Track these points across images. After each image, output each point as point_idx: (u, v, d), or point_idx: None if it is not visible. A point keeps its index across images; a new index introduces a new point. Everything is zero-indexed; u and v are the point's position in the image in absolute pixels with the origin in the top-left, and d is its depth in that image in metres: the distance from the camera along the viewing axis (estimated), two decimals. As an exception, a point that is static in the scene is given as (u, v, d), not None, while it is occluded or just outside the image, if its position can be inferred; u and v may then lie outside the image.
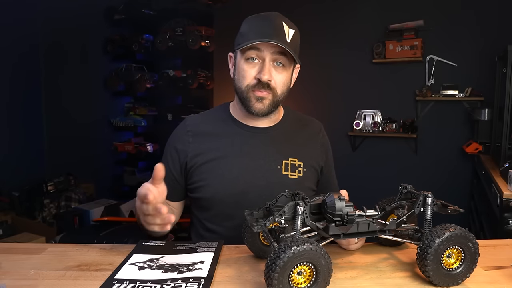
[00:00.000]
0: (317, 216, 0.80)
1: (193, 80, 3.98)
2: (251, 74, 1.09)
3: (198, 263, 0.85)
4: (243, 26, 1.11)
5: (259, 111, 1.12)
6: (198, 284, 0.76)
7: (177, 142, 1.20)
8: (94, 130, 4.15)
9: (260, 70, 1.07)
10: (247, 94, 1.11)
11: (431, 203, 0.80)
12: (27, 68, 3.72)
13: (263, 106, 1.11)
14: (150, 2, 4.13)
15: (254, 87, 1.09)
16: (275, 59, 1.08)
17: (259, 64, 1.08)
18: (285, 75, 1.12)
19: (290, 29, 1.08)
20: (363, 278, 0.80)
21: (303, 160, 1.19)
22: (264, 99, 1.10)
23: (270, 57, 1.07)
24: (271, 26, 1.06)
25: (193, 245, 0.96)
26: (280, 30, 1.06)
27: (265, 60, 1.07)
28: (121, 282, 0.76)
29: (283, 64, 1.09)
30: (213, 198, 1.14)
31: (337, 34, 3.80)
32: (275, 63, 1.09)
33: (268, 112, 1.13)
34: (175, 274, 0.80)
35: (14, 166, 3.49)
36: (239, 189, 1.12)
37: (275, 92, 1.10)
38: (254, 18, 1.11)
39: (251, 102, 1.11)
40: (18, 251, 0.95)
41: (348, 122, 3.80)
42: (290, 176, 1.15)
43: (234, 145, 1.16)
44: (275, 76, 1.09)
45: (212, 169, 1.14)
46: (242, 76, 1.11)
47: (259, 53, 1.07)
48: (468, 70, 3.42)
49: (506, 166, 2.27)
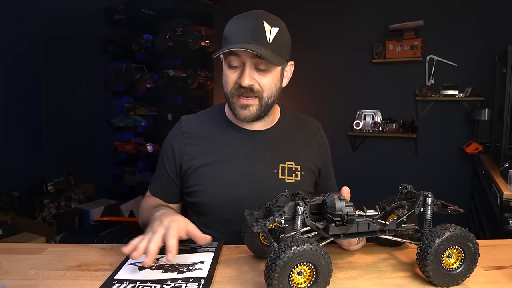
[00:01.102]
0: (317, 216, 0.80)
1: (193, 80, 3.98)
2: (233, 79, 1.06)
3: (198, 263, 0.85)
4: (226, 28, 1.07)
5: (245, 118, 1.09)
6: (198, 284, 0.76)
7: (173, 143, 1.18)
8: (94, 130, 4.15)
9: (240, 75, 1.04)
10: (232, 99, 1.08)
11: (431, 203, 0.80)
12: (26, 67, 3.72)
13: (249, 113, 1.08)
14: (150, 2, 4.14)
15: (237, 92, 1.06)
16: (255, 63, 1.03)
17: (240, 69, 1.05)
18: (271, 77, 1.07)
19: (273, 28, 1.02)
20: (363, 278, 0.80)
21: (300, 163, 1.16)
22: (250, 106, 1.07)
23: (251, 61, 1.03)
24: (249, 28, 1.01)
25: (193, 245, 0.96)
26: (260, 32, 1.01)
27: (245, 64, 1.03)
28: (121, 282, 0.76)
29: (265, 68, 1.04)
30: (209, 203, 1.12)
31: (337, 34, 3.80)
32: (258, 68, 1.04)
33: (257, 117, 1.10)
34: (175, 274, 0.80)
35: (14, 166, 3.49)
36: (235, 194, 1.10)
37: (260, 96, 1.07)
38: (236, 19, 1.06)
39: (236, 109, 1.09)
40: (18, 251, 0.95)
41: (348, 122, 3.80)
42: (287, 181, 1.13)
43: (229, 149, 1.14)
44: (259, 79, 1.05)
45: (207, 173, 1.12)
46: (226, 82, 1.08)
47: (239, 58, 1.03)
48: (468, 70, 3.42)
49: (506, 166, 2.27)
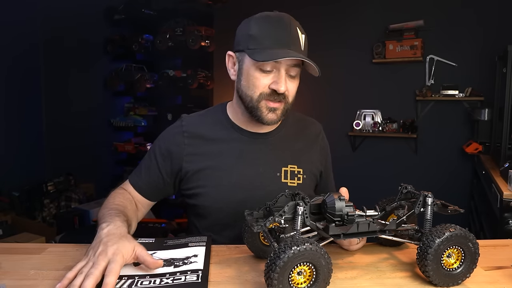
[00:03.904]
0: (317, 216, 0.80)
1: (193, 80, 3.98)
2: (265, 83, 1.03)
3: (192, 257, 0.87)
4: (254, 27, 1.02)
5: (271, 121, 1.07)
6: (197, 276, 0.77)
7: (171, 144, 1.14)
8: (94, 130, 4.15)
9: (276, 81, 1.02)
10: (258, 103, 1.05)
11: (431, 203, 0.80)
12: (26, 67, 3.71)
13: (275, 117, 1.06)
14: (150, 2, 4.14)
15: (267, 97, 1.04)
16: (288, 69, 1.03)
17: (273, 74, 1.02)
18: (296, 83, 1.08)
19: (302, 35, 1.03)
20: (363, 278, 0.80)
21: (302, 167, 1.16)
22: (277, 109, 1.06)
23: (286, 67, 1.02)
24: (288, 34, 0.99)
25: (183, 240, 0.97)
26: (296, 39, 1.00)
27: (281, 70, 1.02)
28: (119, 278, 0.77)
29: (295, 74, 1.05)
30: (211, 207, 1.11)
31: (337, 34, 3.80)
32: (289, 73, 1.04)
33: (279, 121, 1.10)
34: (171, 268, 0.81)
35: (14, 166, 3.49)
36: (238, 198, 1.08)
37: (287, 101, 1.07)
38: (266, 20, 1.02)
39: (262, 112, 1.05)
40: (18, 251, 0.95)
41: (348, 122, 3.80)
42: (289, 184, 1.13)
43: (232, 151, 1.12)
44: (289, 85, 1.04)
45: (209, 176, 1.10)
46: (254, 85, 1.03)
47: (275, 63, 1.01)
48: (468, 70, 3.42)
49: (506, 166, 2.27)
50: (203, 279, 0.76)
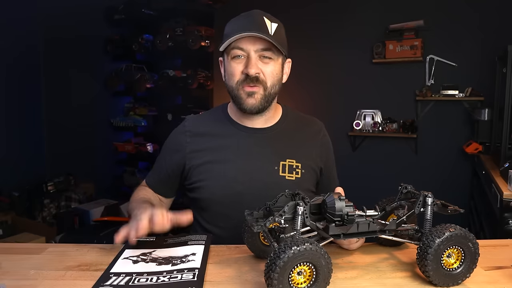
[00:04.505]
0: (317, 216, 0.80)
1: (193, 80, 3.97)
2: (239, 69, 1.10)
3: (190, 255, 0.88)
4: (226, 27, 1.12)
5: (252, 107, 1.12)
6: (193, 274, 0.78)
7: (175, 143, 1.23)
8: (94, 130, 4.15)
9: (247, 65, 1.08)
10: (237, 91, 1.11)
11: (431, 203, 0.80)
12: (27, 68, 3.72)
13: (255, 101, 1.11)
14: (150, 2, 4.13)
15: (243, 83, 1.10)
16: (260, 54, 1.09)
17: (245, 60, 1.09)
18: (274, 66, 1.11)
19: (273, 23, 1.09)
20: (363, 278, 0.80)
21: (301, 161, 1.18)
22: (255, 93, 1.10)
23: (255, 51, 1.08)
24: (251, 21, 1.07)
25: (183, 239, 0.98)
26: (262, 25, 1.07)
27: (250, 54, 1.08)
28: (117, 275, 0.77)
29: (269, 57, 1.10)
30: (210, 199, 1.16)
31: (337, 34, 3.80)
32: (262, 57, 1.10)
33: (261, 107, 1.13)
34: (169, 267, 0.82)
35: (14, 166, 3.49)
36: (236, 190, 1.13)
37: (265, 85, 1.11)
38: (236, 18, 1.13)
39: (242, 99, 1.11)
40: (18, 251, 0.95)
41: (348, 122, 3.80)
42: (287, 178, 1.15)
43: (231, 146, 1.17)
44: (263, 68, 1.10)
45: (209, 170, 1.15)
46: (231, 74, 1.12)
47: (243, 49, 1.08)
48: (468, 70, 3.42)
49: (506, 166, 2.27)
50: (199, 278, 0.77)
